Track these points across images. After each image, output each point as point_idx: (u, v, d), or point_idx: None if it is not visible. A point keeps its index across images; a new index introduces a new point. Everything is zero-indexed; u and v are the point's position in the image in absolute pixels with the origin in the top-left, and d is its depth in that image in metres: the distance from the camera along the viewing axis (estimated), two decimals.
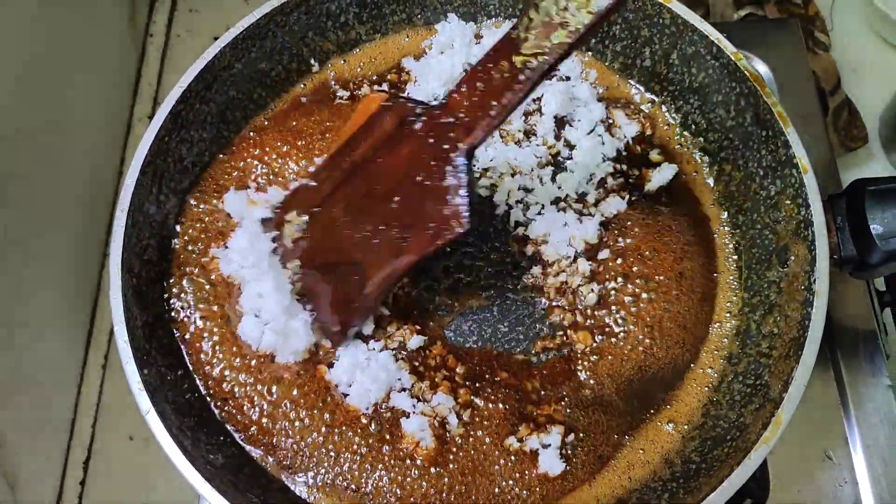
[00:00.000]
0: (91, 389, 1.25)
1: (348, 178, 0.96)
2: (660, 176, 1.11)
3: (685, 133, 1.16)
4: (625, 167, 1.12)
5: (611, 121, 1.15)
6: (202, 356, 0.99)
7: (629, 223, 1.07)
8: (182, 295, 1.02)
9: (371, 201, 0.94)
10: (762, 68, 1.30)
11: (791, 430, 0.86)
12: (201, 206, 1.07)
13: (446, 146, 0.88)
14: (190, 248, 1.04)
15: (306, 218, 0.99)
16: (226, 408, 0.98)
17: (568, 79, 1.18)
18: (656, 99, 1.18)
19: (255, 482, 0.93)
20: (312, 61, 1.19)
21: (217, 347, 0.99)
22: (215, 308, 1.01)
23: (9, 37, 1.10)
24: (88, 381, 1.25)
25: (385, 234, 0.93)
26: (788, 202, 1.00)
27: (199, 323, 1.00)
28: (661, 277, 1.04)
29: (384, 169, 0.93)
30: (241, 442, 0.96)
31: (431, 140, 0.89)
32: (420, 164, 0.90)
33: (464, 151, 0.87)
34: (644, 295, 1.02)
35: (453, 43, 1.19)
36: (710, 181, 1.13)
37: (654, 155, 1.14)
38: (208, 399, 0.98)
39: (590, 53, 1.21)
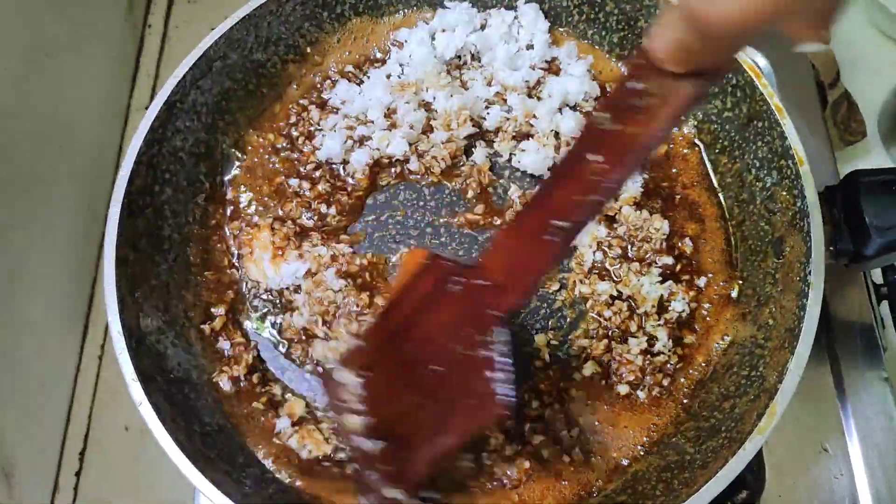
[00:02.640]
0: (87, 380, 1.25)
1: (394, 341, 0.89)
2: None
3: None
4: None
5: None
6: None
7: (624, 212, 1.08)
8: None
9: (415, 369, 0.86)
10: (761, 61, 1.29)
11: (787, 422, 0.86)
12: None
13: (481, 311, 0.82)
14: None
15: (361, 381, 0.90)
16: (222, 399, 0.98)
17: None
18: None
19: (251, 473, 0.93)
20: (309, 51, 1.18)
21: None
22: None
23: (4, 29, 1.09)
24: (84, 372, 1.25)
25: (427, 408, 0.85)
26: (784, 193, 0.99)
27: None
28: None
29: (425, 333, 0.86)
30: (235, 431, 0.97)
31: (469, 304, 0.83)
32: (458, 330, 0.83)
33: (499, 320, 0.80)
34: None
35: (455, 28, 1.19)
36: (706, 172, 1.12)
37: None
38: (203, 390, 0.98)
39: (586, 42, 1.21)
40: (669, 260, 1.05)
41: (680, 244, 1.07)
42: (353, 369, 0.89)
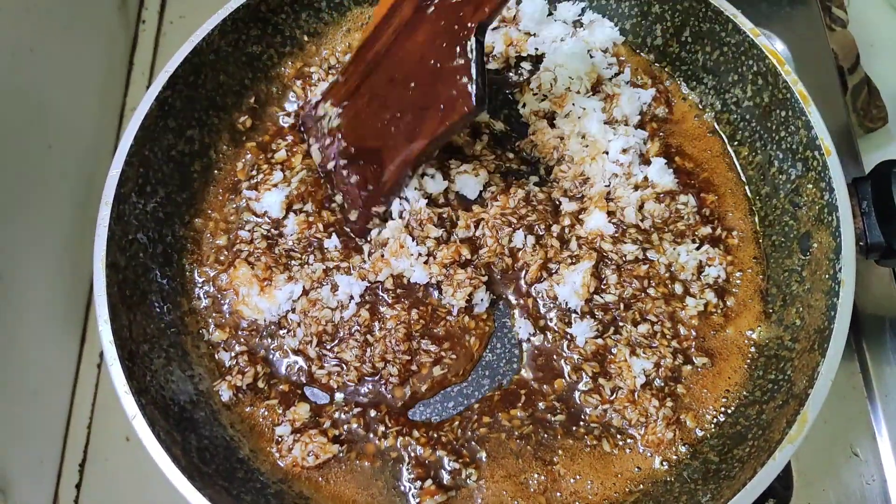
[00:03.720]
0: (86, 390, 1.22)
1: (372, 70, 0.99)
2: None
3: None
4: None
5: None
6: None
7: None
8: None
9: (391, 90, 0.96)
10: (779, 46, 1.25)
11: (815, 425, 0.82)
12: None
13: (457, 26, 0.88)
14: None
15: (339, 111, 1.03)
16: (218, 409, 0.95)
17: None
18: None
19: (249, 488, 0.90)
20: (306, 39, 1.15)
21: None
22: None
23: None
24: (83, 382, 1.22)
25: (401, 120, 0.95)
26: (810, 186, 0.95)
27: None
28: None
29: (403, 56, 0.95)
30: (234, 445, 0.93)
31: (444, 22, 0.89)
32: (435, 49, 0.90)
33: (472, 30, 0.86)
34: None
35: None
36: (726, 165, 1.08)
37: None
38: (201, 401, 0.95)
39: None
40: (707, 229, 1.03)
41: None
42: (331, 100, 1.03)
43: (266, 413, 0.96)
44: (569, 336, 0.97)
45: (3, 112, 1.08)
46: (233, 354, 0.98)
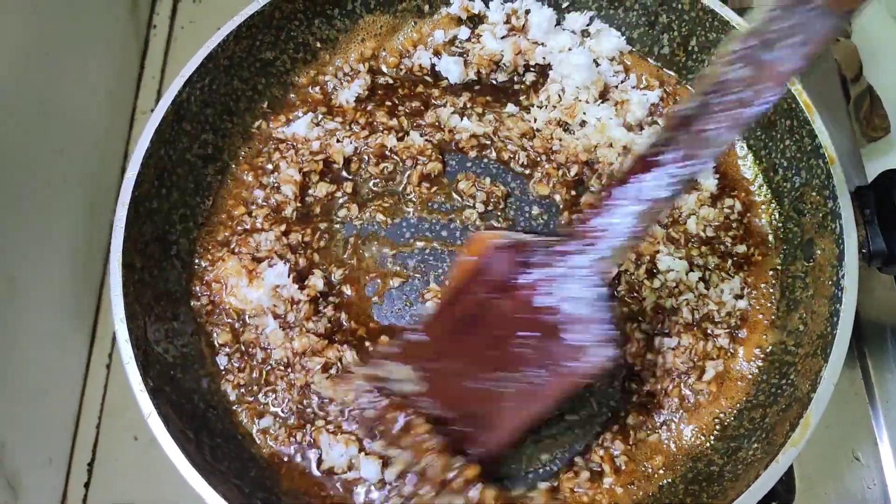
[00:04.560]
0: (95, 389, 1.22)
1: (463, 329, 0.87)
2: None
3: None
4: None
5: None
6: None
7: None
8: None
9: (492, 348, 0.85)
10: None
11: (818, 430, 0.83)
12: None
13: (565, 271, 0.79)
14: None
15: (419, 374, 0.90)
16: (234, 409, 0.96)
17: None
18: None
19: (262, 486, 0.91)
20: (318, 45, 1.15)
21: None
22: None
23: (8, 30, 1.07)
24: (92, 381, 1.23)
25: (513, 380, 0.84)
26: (814, 194, 0.96)
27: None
28: None
29: (503, 311, 0.84)
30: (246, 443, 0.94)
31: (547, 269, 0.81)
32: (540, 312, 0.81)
33: (594, 278, 0.79)
34: None
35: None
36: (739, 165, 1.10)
37: None
38: (213, 399, 0.96)
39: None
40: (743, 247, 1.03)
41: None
42: (411, 364, 0.90)
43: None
44: None
45: (18, 115, 1.09)
46: (229, 352, 0.99)
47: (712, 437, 0.94)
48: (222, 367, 0.99)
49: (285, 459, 0.94)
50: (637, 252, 1.01)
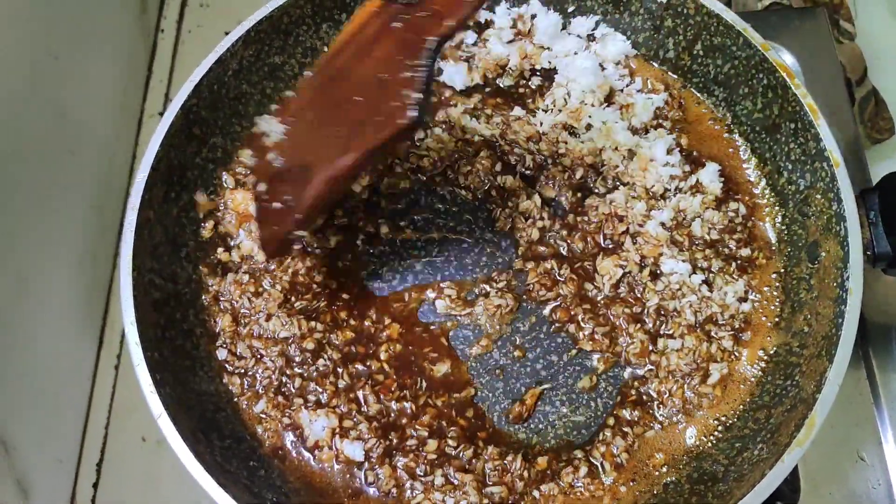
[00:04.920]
0: (103, 391, 1.23)
1: (325, 86, 0.94)
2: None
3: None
4: None
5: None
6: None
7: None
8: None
9: (339, 106, 0.91)
10: (788, 59, 1.27)
11: (823, 430, 0.84)
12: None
13: (415, 41, 0.86)
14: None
15: (284, 128, 0.94)
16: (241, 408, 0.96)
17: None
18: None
19: (271, 486, 0.91)
20: (326, 50, 1.15)
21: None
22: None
23: (18, 34, 1.08)
24: (101, 383, 1.24)
25: (338, 135, 0.90)
26: (819, 196, 0.97)
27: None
28: None
29: (359, 72, 0.90)
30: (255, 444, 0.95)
31: (404, 36, 0.87)
32: (388, 64, 0.87)
33: (433, 42, 0.85)
34: None
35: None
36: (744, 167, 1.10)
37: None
38: (223, 401, 0.96)
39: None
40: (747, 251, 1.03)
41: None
42: (278, 117, 0.94)
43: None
44: None
45: (29, 118, 1.10)
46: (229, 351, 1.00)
47: (717, 438, 0.94)
48: (222, 359, 1.00)
49: (284, 451, 0.95)
50: (641, 254, 1.02)
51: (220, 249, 1.05)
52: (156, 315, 0.95)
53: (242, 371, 0.98)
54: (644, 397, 0.97)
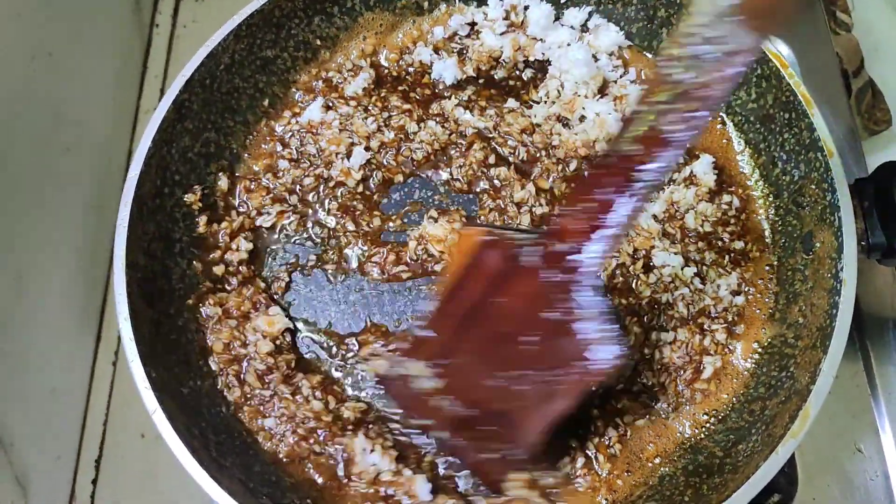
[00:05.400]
0: (101, 387, 1.23)
1: (468, 325, 0.88)
2: None
3: None
4: None
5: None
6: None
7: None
8: None
9: (501, 345, 0.87)
10: (784, 49, 1.26)
11: (819, 422, 0.84)
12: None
13: (566, 276, 0.81)
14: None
15: (435, 370, 0.90)
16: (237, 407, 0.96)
17: None
18: None
19: (266, 482, 0.91)
20: (319, 43, 1.16)
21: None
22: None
23: (12, 31, 1.08)
24: (99, 379, 1.24)
25: (529, 378, 0.85)
26: (813, 187, 0.97)
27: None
28: None
29: (505, 309, 0.86)
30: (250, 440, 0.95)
31: (548, 273, 0.82)
32: (544, 300, 0.83)
33: (590, 278, 0.81)
34: None
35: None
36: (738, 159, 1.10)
37: None
38: (220, 398, 0.97)
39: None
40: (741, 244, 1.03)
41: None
42: (422, 360, 0.90)
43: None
44: None
45: (24, 115, 1.09)
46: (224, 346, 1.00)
47: (712, 429, 0.94)
48: (218, 352, 1.00)
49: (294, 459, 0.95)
50: (633, 247, 1.01)
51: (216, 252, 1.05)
52: (150, 311, 0.95)
53: (237, 367, 0.98)
54: (640, 390, 0.97)
